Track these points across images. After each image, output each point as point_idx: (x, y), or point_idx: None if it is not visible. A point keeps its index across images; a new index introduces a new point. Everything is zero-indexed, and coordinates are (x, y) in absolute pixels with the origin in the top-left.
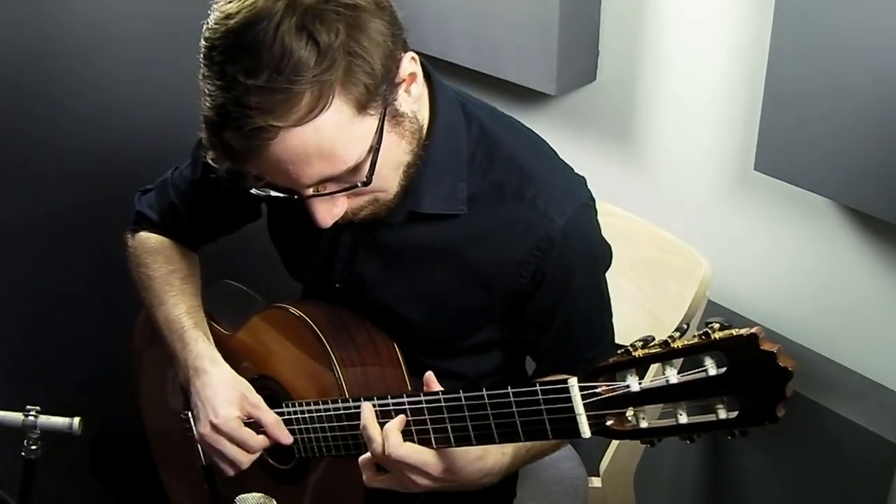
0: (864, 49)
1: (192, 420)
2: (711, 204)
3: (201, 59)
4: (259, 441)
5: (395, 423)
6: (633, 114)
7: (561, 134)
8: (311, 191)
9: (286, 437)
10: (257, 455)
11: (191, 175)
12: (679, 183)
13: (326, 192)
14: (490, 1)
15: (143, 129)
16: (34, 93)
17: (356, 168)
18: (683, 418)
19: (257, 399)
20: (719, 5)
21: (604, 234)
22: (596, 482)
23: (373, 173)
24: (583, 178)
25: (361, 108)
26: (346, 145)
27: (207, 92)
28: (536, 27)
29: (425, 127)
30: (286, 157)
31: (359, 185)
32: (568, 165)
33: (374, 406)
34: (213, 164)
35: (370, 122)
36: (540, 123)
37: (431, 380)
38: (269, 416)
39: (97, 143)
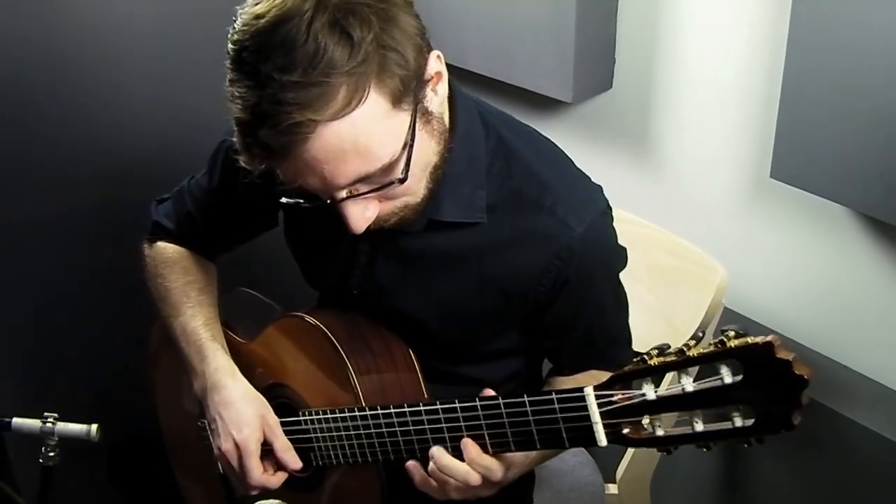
0: (879, 65)
1: (210, 431)
2: (727, 211)
3: (229, 64)
4: (260, 480)
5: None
6: (649, 121)
7: (577, 141)
8: (344, 193)
9: (294, 463)
10: (270, 486)
11: (207, 184)
12: (695, 190)
13: (360, 193)
14: (506, 9)
15: (162, 133)
16: (53, 93)
17: (390, 166)
18: (699, 426)
19: (274, 420)
20: (735, 13)
21: (620, 240)
22: (612, 489)
23: (408, 170)
24: (599, 186)
25: (396, 101)
26: (381, 141)
27: (238, 94)
28: (553, 35)
29: (447, 130)
30: (322, 154)
31: (395, 182)
32: (585, 174)
33: (391, 414)
34: (246, 167)
35: (403, 118)
36: (556, 131)
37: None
38: (282, 442)
39: (113, 146)
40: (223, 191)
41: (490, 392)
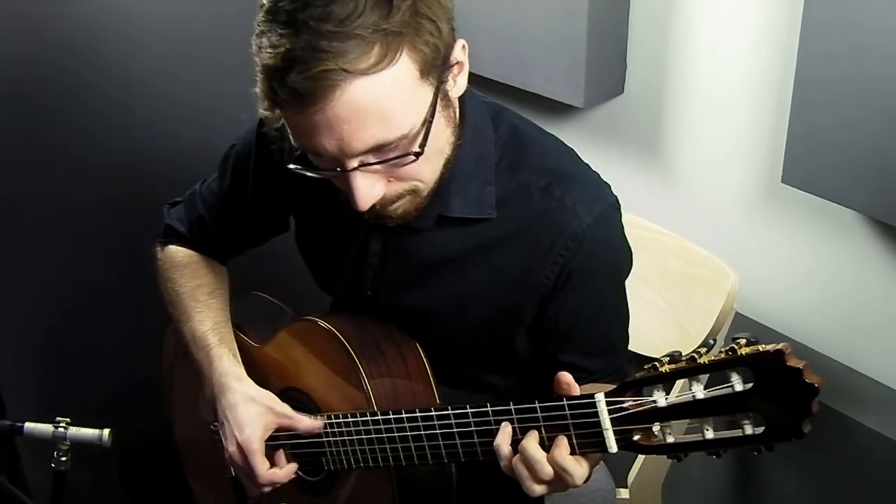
0: (891, 69)
1: (221, 436)
2: (739, 216)
3: (262, 17)
4: (267, 476)
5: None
6: (661, 126)
7: (589, 146)
8: (355, 162)
9: (315, 426)
10: (279, 480)
11: (218, 188)
12: (707, 195)
13: (370, 162)
14: (518, 14)
15: (177, 137)
16: (69, 93)
17: (409, 139)
18: (710, 433)
19: (283, 407)
20: (747, 19)
21: (631, 245)
22: (624, 494)
23: (425, 144)
24: (608, 183)
25: (424, 72)
26: (404, 109)
27: (269, 42)
28: (565, 40)
29: (458, 126)
30: (345, 112)
31: (410, 154)
32: (594, 170)
33: (403, 419)
34: (265, 115)
35: (427, 92)
36: (568, 136)
37: (565, 380)
38: (296, 419)
39: (127, 152)
40: (233, 195)
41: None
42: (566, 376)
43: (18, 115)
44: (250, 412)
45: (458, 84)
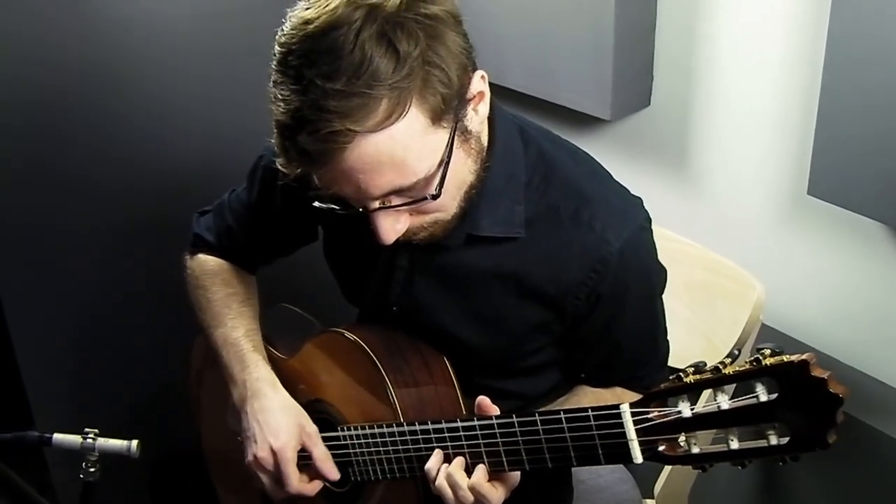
0: None
1: (245, 439)
2: (765, 228)
3: (274, 66)
4: (298, 487)
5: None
6: (687, 138)
7: (615, 158)
8: (377, 203)
9: (332, 473)
10: (307, 493)
11: (247, 198)
12: (733, 206)
13: (392, 205)
14: (545, 26)
15: (204, 147)
16: (97, 106)
17: (425, 182)
18: (735, 444)
19: (313, 430)
20: (772, 31)
21: (658, 257)
22: None
23: (442, 186)
24: (639, 198)
25: (436, 119)
26: (418, 156)
27: (281, 97)
28: (591, 52)
29: (485, 149)
30: (359, 164)
31: (428, 197)
32: (624, 187)
33: (429, 430)
34: (282, 170)
35: (442, 135)
36: (594, 148)
37: (485, 404)
38: (320, 451)
39: (154, 162)
40: (262, 206)
41: (487, 403)
42: (484, 401)
43: (46, 133)
44: (287, 421)
45: (479, 113)
